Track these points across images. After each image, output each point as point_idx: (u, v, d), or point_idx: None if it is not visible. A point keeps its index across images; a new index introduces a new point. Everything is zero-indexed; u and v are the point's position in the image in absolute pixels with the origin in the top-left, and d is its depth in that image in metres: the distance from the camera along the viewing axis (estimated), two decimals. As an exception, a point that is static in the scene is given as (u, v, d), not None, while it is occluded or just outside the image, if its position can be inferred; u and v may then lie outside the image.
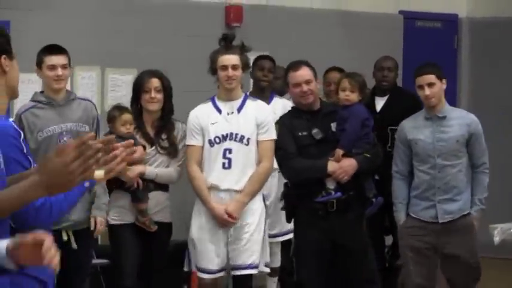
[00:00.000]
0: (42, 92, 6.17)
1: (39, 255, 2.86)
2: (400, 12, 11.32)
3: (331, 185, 6.52)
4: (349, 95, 6.72)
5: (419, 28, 11.74)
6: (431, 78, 6.57)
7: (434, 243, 6.60)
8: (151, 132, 6.60)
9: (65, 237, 6.12)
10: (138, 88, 6.57)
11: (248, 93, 7.34)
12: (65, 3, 8.53)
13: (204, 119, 6.55)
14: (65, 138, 6.18)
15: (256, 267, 6.54)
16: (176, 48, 8.92)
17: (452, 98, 10.69)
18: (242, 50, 6.59)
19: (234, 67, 6.43)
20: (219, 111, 6.58)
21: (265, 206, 6.72)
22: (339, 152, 6.49)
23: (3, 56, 3.58)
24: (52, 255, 2.88)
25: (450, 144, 6.64)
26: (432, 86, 6.58)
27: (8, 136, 3.58)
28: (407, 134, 6.74)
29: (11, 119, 3.80)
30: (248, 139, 6.53)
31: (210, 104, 6.63)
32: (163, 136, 6.63)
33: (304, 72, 6.51)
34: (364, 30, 10.48)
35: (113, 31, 8.54)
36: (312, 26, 9.83)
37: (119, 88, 8.54)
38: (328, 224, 6.47)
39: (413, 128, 6.74)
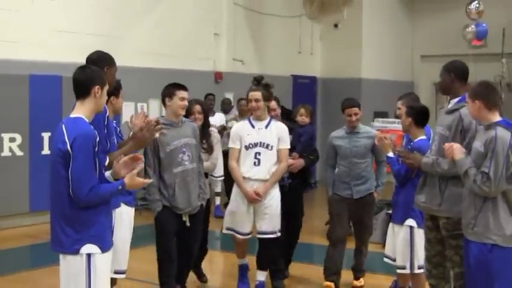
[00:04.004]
0: (163, 117, 6.38)
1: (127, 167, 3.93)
2: (291, 75, 14.85)
3: (285, 174, 7.11)
4: (304, 119, 7.24)
5: (300, 83, 15.08)
6: (356, 109, 7.01)
7: (349, 210, 7.13)
8: None
9: (184, 218, 6.36)
10: (187, 111, 6.82)
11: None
12: (149, 73, 11.52)
13: (242, 131, 6.88)
14: (183, 149, 6.33)
15: (275, 232, 6.95)
16: (190, 93, 7.92)
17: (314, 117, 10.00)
18: (266, 86, 6.85)
19: (257, 100, 6.78)
20: (253, 126, 6.84)
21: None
22: (296, 155, 7.11)
23: (97, 87, 4.09)
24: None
25: (360, 149, 7.05)
26: (356, 115, 6.99)
27: (113, 128, 4.77)
28: (334, 141, 7.13)
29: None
30: (272, 146, 6.82)
31: (247, 121, 6.93)
32: (204, 141, 7.04)
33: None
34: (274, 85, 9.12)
35: (162, 84, 7.94)
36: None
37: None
38: (284, 198, 7.08)
39: (338, 138, 7.13)
